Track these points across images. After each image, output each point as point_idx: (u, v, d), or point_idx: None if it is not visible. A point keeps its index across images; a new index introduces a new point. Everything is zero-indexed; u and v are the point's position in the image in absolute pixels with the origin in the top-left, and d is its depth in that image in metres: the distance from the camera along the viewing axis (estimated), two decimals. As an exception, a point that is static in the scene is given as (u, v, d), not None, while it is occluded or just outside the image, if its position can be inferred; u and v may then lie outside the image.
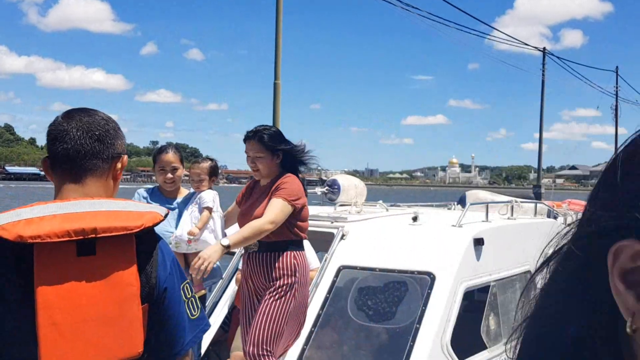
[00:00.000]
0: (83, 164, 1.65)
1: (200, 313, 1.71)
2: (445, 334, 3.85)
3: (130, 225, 1.52)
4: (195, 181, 4.03)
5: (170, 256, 1.68)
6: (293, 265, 3.69)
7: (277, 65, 16.90)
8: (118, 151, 1.72)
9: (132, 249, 1.54)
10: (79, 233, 1.47)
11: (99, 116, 1.71)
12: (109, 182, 1.71)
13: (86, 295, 1.48)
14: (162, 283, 1.59)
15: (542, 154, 34.86)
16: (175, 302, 1.62)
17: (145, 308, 1.55)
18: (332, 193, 6.23)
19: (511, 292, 4.77)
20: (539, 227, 5.73)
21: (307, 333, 3.97)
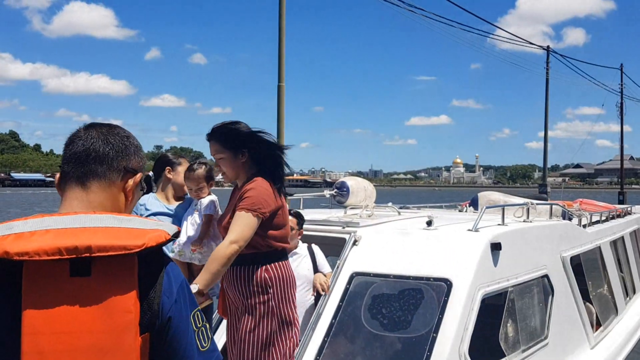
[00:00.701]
0: (91, 167, 1.53)
1: (211, 345, 1.53)
2: (463, 343, 3.70)
3: (129, 244, 1.35)
4: (193, 190, 3.86)
5: (178, 281, 1.49)
6: (265, 280, 3.36)
7: (280, 67, 16.81)
8: (132, 167, 1.59)
9: (133, 271, 1.37)
10: (71, 251, 1.31)
11: (121, 130, 1.63)
12: (119, 196, 1.57)
13: (78, 321, 1.31)
14: (167, 311, 1.42)
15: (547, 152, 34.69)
16: (182, 332, 1.44)
17: (146, 338, 1.38)
18: (341, 196, 6.09)
19: (529, 297, 4.62)
20: (556, 229, 5.58)
21: (320, 343, 3.83)
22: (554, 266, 5.14)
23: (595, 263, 6.53)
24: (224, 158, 3.35)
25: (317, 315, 3.98)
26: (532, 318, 4.65)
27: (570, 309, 5.39)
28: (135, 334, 1.34)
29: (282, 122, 17.37)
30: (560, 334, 4.99)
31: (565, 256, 5.41)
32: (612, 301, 6.80)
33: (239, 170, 3.41)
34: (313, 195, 6.69)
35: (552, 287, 4.97)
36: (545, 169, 36.80)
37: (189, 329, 1.46)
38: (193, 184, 3.83)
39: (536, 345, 4.53)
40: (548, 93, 34.28)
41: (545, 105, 34.31)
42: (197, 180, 3.83)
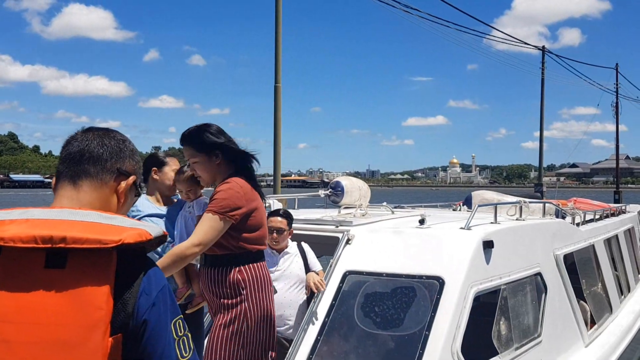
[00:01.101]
0: (84, 166, 1.54)
1: (192, 355, 1.49)
2: (456, 340, 3.71)
3: (105, 239, 1.33)
4: (184, 193, 3.85)
5: (159, 284, 1.44)
6: (237, 281, 3.28)
7: (277, 68, 16.82)
8: (126, 169, 1.60)
9: (109, 268, 1.34)
10: (46, 241, 1.30)
11: (118, 134, 1.65)
12: (110, 198, 1.57)
13: (47, 313, 1.29)
14: (142, 314, 1.38)
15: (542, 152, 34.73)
16: (159, 337, 1.40)
17: (118, 339, 1.34)
18: (336, 195, 6.09)
19: (522, 295, 4.63)
20: (549, 227, 5.59)
21: (313, 341, 3.83)
22: (547, 264, 5.16)
23: (589, 261, 6.54)
24: (198, 162, 3.30)
25: (310, 314, 3.98)
26: (525, 316, 4.66)
27: (564, 307, 5.40)
28: (104, 332, 1.31)
29: (279, 122, 17.37)
30: (553, 332, 5.00)
31: (559, 254, 5.42)
32: (606, 299, 6.82)
33: (214, 172, 3.36)
34: (307, 195, 6.69)
35: (545, 285, 4.98)
36: (540, 168, 36.86)
37: (167, 336, 1.42)
38: (183, 186, 3.81)
39: (529, 343, 4.54)
40: (544, 93, 34.37)
41: (541, 105, 34.39)
42: (187, 182, 3.81)
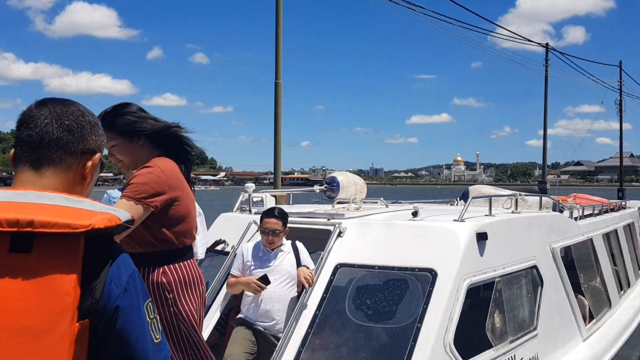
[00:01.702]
0: (45, 153, 1.47)
1: (162, 337, 1.46)
2: (448, 333, 3.67)
3: (75, 223, 1.28)
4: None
5: (129, 270, 1.41)
6: (162, 285, 2.81)
7: (277, 64, 16.78)
8: (90, 147, 1.52)
9: (77, 253, 1.31)
10: (12, 224, 1.26)
11: (75, 107, 1.54)
12: (75, 180, 1.51)
13: (11, 299, 1.25)
14: (114, 300, 1.34)
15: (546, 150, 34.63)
16: (133, 323, 1.37)
17: (85, 324, 1.31)
18: (331, 191, 6.06)
19: (517, 287, 4.59)
20: (545, 220, 5.55)
21: (303, 334, 3.80)
22: (543, 257, 5.11)
23: (587, 256, 6.49)
24: (117, 145, 2.89)
25: (300, 307, 3.95)
26: (521, 309, 4.62)
27: (561, 301, 5.35)
28: (71, 318, 1.27)
29: (280, 119, 17.33)
30: (550, 325, 4.95)
31: (555, 247, 5.37)
32: (605, 294, 6.76)
33: (136, 156, 2.94)
34: (303, 191, 6.67)
35: (542, 278, 4.93)
36: (544, 166, 36.72)
37: (140, 320, 1.39)
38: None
39: (525, 336, 4.50)
40: (547, 90, 34.23)
41: (545, 103, 34.26)
42: None
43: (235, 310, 4.97)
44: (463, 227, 4.13)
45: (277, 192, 6.29)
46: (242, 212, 5.23)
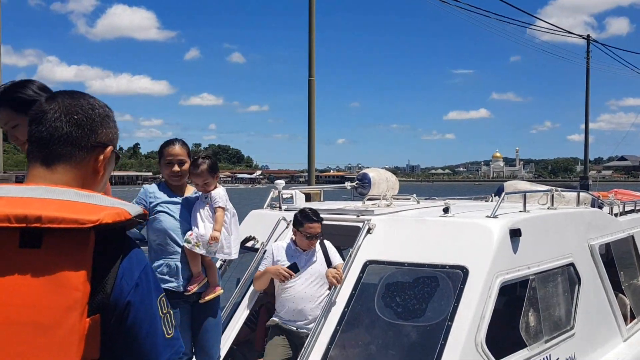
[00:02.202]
0: (56, 149, 1.45)
1: (175, 332, 1.45)
2: (480, 331, 3.59)
3: (83, 218, 1.28)
4: (200, 185, 3.83)
5: (141, 265, 1.40)
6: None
7: (311, 62, 16.79)
8: (101, 140, 1.49)
9: (87, 248, 1.30)
10: (20, 220, 1.26)
11: (85, 100, 1.51)
12: (87, 175, 1.49)
13: (21, 294, 1.25)
14: (126, 295, 1.34)
15: (588, 144, 33.82)
16: (147, 318, 1.37)
17: (96, 320, 1.30)
18: (363, 187, 6.02)
19: (552, 286, 4.47)
20: (583, 216, 5.38)
21: (332, 332, 3.78)
22: (581, 254, 4.96)
23: (628, 253, 6.28)
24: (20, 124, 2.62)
25: (329, 304, 3.93)
26: (557, 307, 4.49)
27: (600, 300, 5.19)
28: (81, 314, 1.26)
29: (313, 116, 17.35)
30: (588, 324, 4.81)
31: (594, 244, 5.21)
32: (647, 293, 6.53)
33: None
34: (334, 187, 6.64)
35: (579, 276, 4.79)
36: (586, 161, 35.86)
37: (153, 315, 1.38)
38: (199, 179, 3.79)
39: (561, 336, 4.37)
40: (589, 83, 33.38)
41: (586, 96, 33.43)
42: (202, 175, 3.79)
43: (266, 307, 4.98)
44: (496, 223, 4.04)
45: (308, 189, 6.27)
46: (272, 208, 5.23)
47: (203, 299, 3.70)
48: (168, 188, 3.80)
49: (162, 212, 3.67)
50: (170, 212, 3.68)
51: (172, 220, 3.67)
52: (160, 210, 3.67)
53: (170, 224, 3.65)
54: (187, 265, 3.66)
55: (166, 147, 3.76)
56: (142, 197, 3.74)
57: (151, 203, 3.68)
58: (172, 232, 3.64)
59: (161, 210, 3.67)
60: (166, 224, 3.65)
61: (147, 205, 3.67)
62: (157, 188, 3.77)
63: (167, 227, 3.65)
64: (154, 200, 3.69)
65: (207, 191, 3.82)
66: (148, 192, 3.76)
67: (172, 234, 3.64)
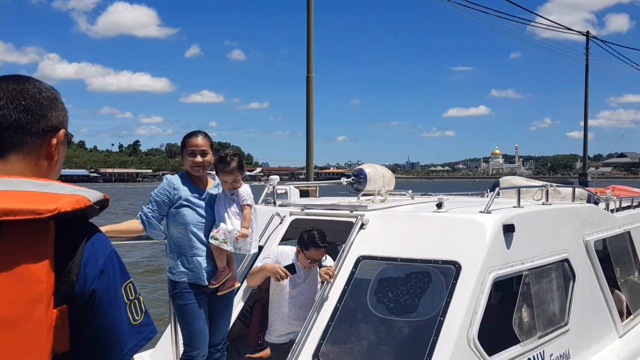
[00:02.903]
0: (6, 138, 1.39)
1: (145, 318, 1.42)
2: (472, 327, 3.58)
3: (40, 208, 1.24)
4: (229, 183, 3.80)
5: (106, 251, 1.37)
6: None
7: (309, 58, 16.75)
8: (52, 124, 1.44)
9: (47, 238, 1.27)
10: None
11: (31, 84, 1.45)
12: (41, 161, 1.44)
13: None
14: (90, 283, 1.31)
15: (587, 141, 33.80)
16: (111, 305, 1.34)
17: (63, 310, 1.27)
18: (359, 183, 6.00)
19: (546, 281, 4.45)
20: (578, 212, 5.36)
21: (324, 327, 3.76)
22: (576, 250, 4.94)
23: (624, 249, 6.26)
24: None
25: (321, 299, 3.91)
26: (551, 303, 4.48)
27: (595, 295, 5.17)
28: (47, 305, 1.24)
29: (312, 113, 17.32)
30: (583, 320, 4.79)
31: (589, 240, 5.19)
32: (644, 289, 6.52)
33: None
34: (329, 183, 6.62)
35: (574, 272, 4.77)
36: (585, 158, 35.81)
37: (117, 302, 1.35)
38: (229, 177, 3.77)
39: (555, 332, 4.36)
40: (588, 80, 33.34)
41: (585, 93, 33.39)
42: (233, 173, 3.78)
43: (260, 303, 4.96)
44: (489, 219, 4.02)
45: (303, 184, 6.25)
46: (266, 204, 5.22)
47: (221, 291, 3.73)
48: (190, 180, 3.78)
49: (185, 207, 3.66)
50: (193, 207, 3.68)
51: (195, 215, 3.67)
52: (184, 205, 3.66)
53: (192, 218, 3.66)
54: (209, 259, 3.68)
55: (189, 138, 3.77)
56: (166, 189, 3.71)
57: (175, 195, 3.67)
58: (194, 227, 3.66)
59: (185, 204, 3.67)
60: (189, 219, 3.65)
61: (171, 198, 3.67)
62: (179, 180, 3.75)
63: (190, 221, 3.65)
64: (177, 194, 3.69)
65: (234, 188, 3.80)
66: (172, 184, 3.72)
67: (193, 228, 3.66)
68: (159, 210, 3.66)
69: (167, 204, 3.66)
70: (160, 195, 3.67)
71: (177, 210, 3.65)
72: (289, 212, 4.83)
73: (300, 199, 5.43)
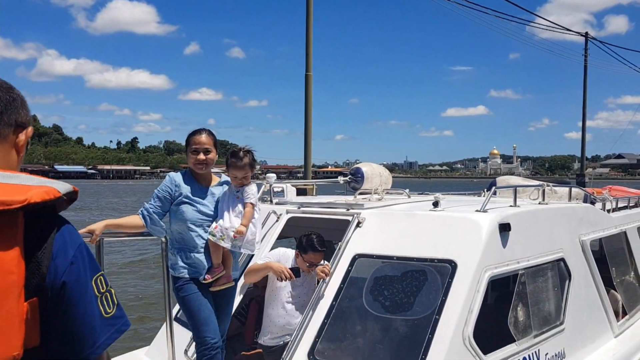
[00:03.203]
0: None
1: (117, 310, 1.43)
2: (468, 325, 3.58)
3: (9, 199, 1.24)
4: (238, 178, 3.80)
5: (75, 243, 1.37)
6: None
7: (308, 57, 16.75)
8: (22, 121, 1.47)
9: (17, 230, 1.26)
10: None
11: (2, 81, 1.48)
12: (10, 154, 1.46)
13: None
14: (60, 274, 1.31)
15: (585, 142, 33.85)
16: (81, 298, 1.34)
17: (34, 303, 1.28)
18: (356, 182, 6.00)
19: (542, 281, 4.46)
20: (575, 212, 5.37)
21: (320, 324, 3.76)
22: (572, 250, 4.95)
23: (620, 249, 6.28)
24: None
25: (317, 297, 3.91)
26: (546, 302, 4.48)
27: (591, 295, 5.18)
28: (18, 297, 1.23)
29: (310, 111, 17.32)
30: (578, 320, 4.80)
31: (585, 240, 5.20)
32: (639, 289, 6.53)
33: None
34: (326, 182, 6.62)
35: (569, 271, 4.78)
36: (583, 159, 35.86)
37: (88, 294, 1.36)
38: (240, 172, 3.78)
39: (550, 331, 4.36)
40: (586, 80, 33.41)
41: (584, 93, 33.45)
42: (244, 169, 3.78)
43: (256, 301, 4.96)
44: (485, 218, 4.02)
45: (300, 183, 6.25)
46: (263, 202, 5.21)
47: (214, 287, 3.73)
48: (193, 178, 3.78)
49: (185, 204, 3.68)
50: (192, 204, 3.69)
51: (195, 212, 3.68)
52: (184, 202, 3.68)
53: (192, 215, 3.67)
54: (208, 255, 3.69)
55: (193, 135, 3.78)
56: (168, 186, 3.72)
57: (176, 192, 3.68)
58: (192, 224, 3.67)
59: (185, 201, 3.68)
60: (188, 215, 3.66)
61: (172, 195, 3.68)
62: (182, 178, 3.76)
63: (189, 218, 3.66)
64: (178, 191, 3.70)
65: (242, 185, 3.80)
66: (174, 181, 3.74)
67: (192, 225, 3.67)
68: (162, 206, 3.69)
69: (168, 200, 3.68)
70: (162, 191, 3.70)
71: (177, 207, 3.67)
72: (286, 210, 4.83)
73: (297, 197, 5.43)
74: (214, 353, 3.59)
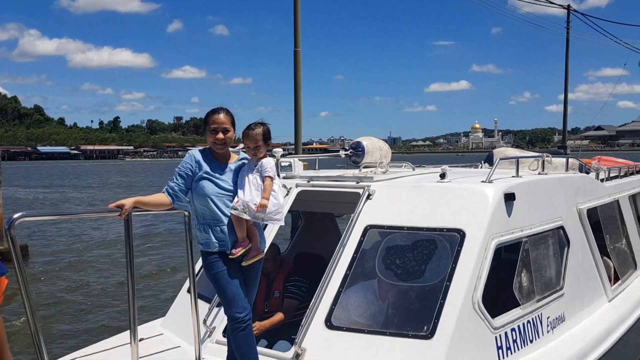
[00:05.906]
0: None
1: None
2: (477, 291, 3.74)
3: None
4: (251, 149, 3.87)
5: None
6: None
7: (296, 32, 16.71)
8: None
9: None
10: None
11: None
12: None
13: None
14: None
15: (567, 114, 34.20)
16: None
17: None
18: (357, 156, 6.09)
19: (544, 248, 4.63)
20: (572, 181, 5.54)
21: (335, 293, 3.90)
22: (570, 218, 5.13)
23: (613, 217, 6.49)
24: None
25: (331, 267, 4.04)
26: (547, 269, 4.67)
27: (587, 261, 5.39)
28: None
29: (299, 87, 17.33)
30: (576, 285, 5.00)
31: (582, 208, 5.38)
32: (630, 255, 6.77)
33: None
34: (328, 156, 6.71)
35: (568, 239, 4.96)
36: (564, 131, 36.29)
37: None
38: (251, 142, 3.84)
39: (551, 296, 4.55)
40: (568, 53, 33.67)
41: (566, 66, 33.73)
42: (255, 138, 3.83)
43: (263, 272, 5.09)
44: (491, 188, 4.16)
45: (304, 157, 6.33)
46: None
47: (245, 261, 3.79)
48: (212, 156, 3.84)
49: (205, 179, 3.73)
50: (212, 179, 3.74)
51: (214, 187, 3.74)
52: (203, 177, 3.73)
53: (212, 189, 3.72)
54: (232, 229, 3.75)
55: (211, 115, 3.83)
56: (189, 162, 3.78)
57: (196, 168, 3.76)
58: (214, 198, 3.72)
59: (204, 177, 3.74)
60: (208, 190, 3.71)
61: (194, 170, 3.75)
62: (201, 156, 3.82)
63: (209, 192, 3.71)
64: (198, 166, 3.77)
65: (257, 157, 3.87)
66: (194, 157, 3.80)
67: (214, 199, 3.72)
68: (185, 183, 3.75)
69: (190, 177, 3.74)
70: (184, 169, 3.76)
71: (197, 183, 3.73)
72: (295, 184, 4.93)
73: (304, 171, 5.52)
74: (245, 325, 3.68)
